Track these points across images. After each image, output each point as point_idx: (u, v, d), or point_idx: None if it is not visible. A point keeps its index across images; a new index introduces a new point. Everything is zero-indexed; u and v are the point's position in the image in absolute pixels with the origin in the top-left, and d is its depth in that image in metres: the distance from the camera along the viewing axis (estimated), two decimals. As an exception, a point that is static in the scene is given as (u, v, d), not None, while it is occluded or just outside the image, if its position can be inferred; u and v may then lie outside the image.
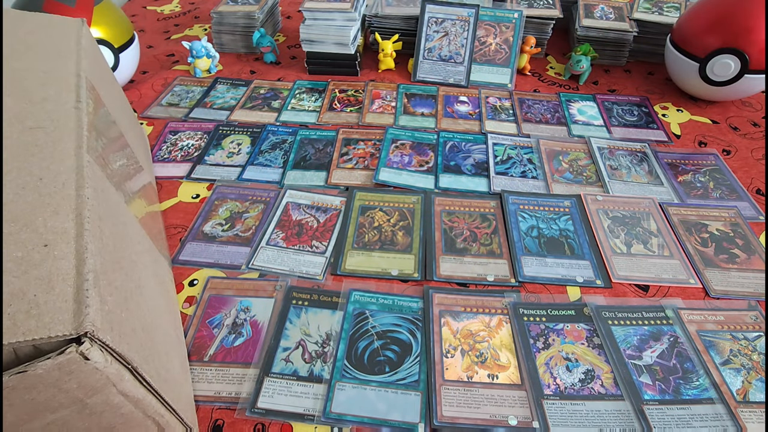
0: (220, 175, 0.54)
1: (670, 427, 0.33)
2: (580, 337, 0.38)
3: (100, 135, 0.32)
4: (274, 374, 0.36)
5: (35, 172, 0.25)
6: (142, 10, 0.94)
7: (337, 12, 0.66)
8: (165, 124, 0.61)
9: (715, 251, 0.45)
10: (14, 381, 0.19)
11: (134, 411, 0.24)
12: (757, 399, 0.34)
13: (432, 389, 0.35)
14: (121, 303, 0.24)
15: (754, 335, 0.38)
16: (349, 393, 0.35)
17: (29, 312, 0.19)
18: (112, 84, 0.46)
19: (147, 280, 0.32)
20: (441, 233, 0.47)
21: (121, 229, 0.30)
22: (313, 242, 0.46)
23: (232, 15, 0.74)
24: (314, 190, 0.52)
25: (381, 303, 0.41)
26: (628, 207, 0.50)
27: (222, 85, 0.69)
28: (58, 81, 0.32)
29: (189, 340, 0.38)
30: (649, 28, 0.72)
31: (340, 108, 0.65)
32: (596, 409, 0.34)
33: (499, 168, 0.55)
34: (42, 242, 0.22)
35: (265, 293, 0.41)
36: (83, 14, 0.57)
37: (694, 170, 0.55)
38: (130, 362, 0.22)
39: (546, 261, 0.44)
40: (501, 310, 0.40)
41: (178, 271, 0.43)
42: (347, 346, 0.37)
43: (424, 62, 0.70)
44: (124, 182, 0.36)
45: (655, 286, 0.42)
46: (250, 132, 0.60)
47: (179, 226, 0.48)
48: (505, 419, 0.33)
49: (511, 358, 0.37)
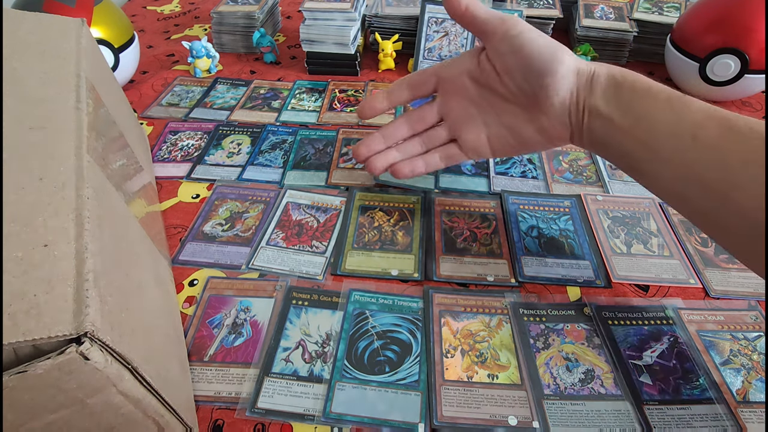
0: (220, 175, 0.54)
1: (670, 427, 0.33)
2: (580, 337, 0.38)
3: (100, 135, 0.32)
4: (274, 374, 0.36)
5: (35, 172, 0.25)
6: (142, 10, 0.94)
7: (337, 12, 0.66)
8: (165, 124, 0.61)
9: (715, 251, 0.45)
10: (14, 381, 0.19)
11: (134, 411, 0.24)
12: (757, 399, 0.34)
13: (432, 389, 0.35)
14: (121, 303, 0.24)
15: (754, 335, 0.38)
16: (349, 393, 0.35)
17: (29, 312, 0.19)
18: (112, 84, 0.46)
19: (147, 280, 0.32)
20: (441, 233, 0.47)
21: (121, 229, 0.30)
22: (313, 242, 0.46)
23: (232, 15, 0.74)
24: (314, 190, 0.52)
25: (381, 303, 0.41)
26: (628, 207, 0.50)
27: (222, 85, 0.69)
28: (58, 81, 0.32)
29: (189, 340, 0.38)
30: (649, 28, 0.72)
31: (340, 108, 0.65)
32: (596, 409, 0.34)
33: (499, 168, 0.55)
34: (42, 242, 0.22)
35: (265, 293, 0.41)
36: (83, 14, 0.57)
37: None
38: (130, 362, 0.22)
39: (546, 261, 0.44)
40: (501, 310, 0.40)
41: (178, 271, 0.43)
42: (347, 346, 0.37)
43: (424, 62, 0.70)
44: (124, 182, 0.36)
45: (655, 286, 0.42)
46: (250, 132, 0.60)
47: (179, 226, 0.48)
48: (505, 419, 0.33)
49: (511, 358, 0.37)
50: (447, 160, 0.43)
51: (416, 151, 0.43)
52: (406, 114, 0.43)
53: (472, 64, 0.39)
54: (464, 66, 0.40)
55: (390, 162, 0.43)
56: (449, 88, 0.41)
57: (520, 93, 0.36)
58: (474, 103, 0.40)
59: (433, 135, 0.43)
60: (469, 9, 0.37)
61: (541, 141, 0.38)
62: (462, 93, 0.40)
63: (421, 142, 0.43)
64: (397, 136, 0.43)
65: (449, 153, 0.42)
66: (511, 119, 0.38)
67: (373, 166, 0.43)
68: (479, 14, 0.37)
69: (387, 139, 0.43)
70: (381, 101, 0.43)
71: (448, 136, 0.42)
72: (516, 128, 0.38)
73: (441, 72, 0.41)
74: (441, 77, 0.41)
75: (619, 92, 0.33)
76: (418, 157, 0.43)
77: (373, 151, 0.43)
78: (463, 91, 0.40)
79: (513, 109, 0.38)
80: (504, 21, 0.36)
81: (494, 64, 0.37)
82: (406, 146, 0.43)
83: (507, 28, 0.35)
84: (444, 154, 0.43)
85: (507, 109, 0.38)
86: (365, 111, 0.43)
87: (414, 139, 0.43)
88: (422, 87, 0.42)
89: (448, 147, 0.42)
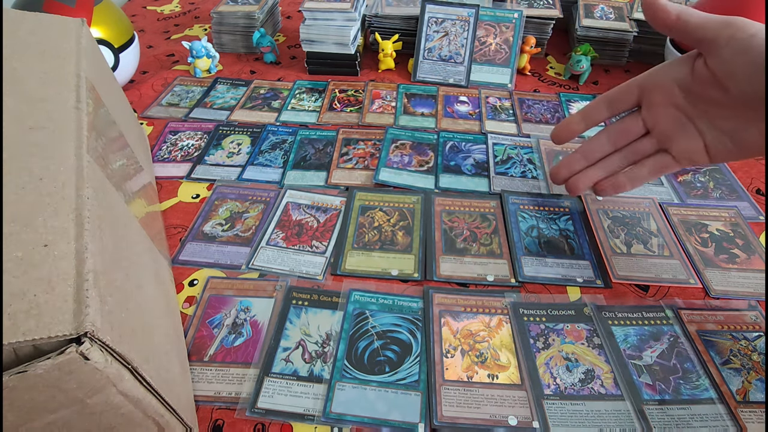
0: (220, 175, 0.54)
1: (670, 427, 0.33)
2: (580, 337, 0.38)
3: (100, 135, 0.32)
4: (274, 374, 0.36)
5: (35, 172, 0.25)
6: (142, 10, 0.94)
7: (337, 12, 0.66)
8: (165, 124, 0.61)
9: (715, 251, 0.45)
10: (14, 381, 0.19)
11: (134, 411, 0.24)
12: (757, 399, 0.34)
13: (432, 389, 0.35)
14: (121, 303, 0.24)
15: (754, 335, 0.38)
16: (349, 393, 0.35)
17: (29, 312, 0.19)
18: (112, 84, 0.46)
19: (147, 280, 0.32)
20: (441, 233, 0.47)
21: (121, 229, 0.30)
22: (313, 242, 0.46)
23: (232, 15, 0.74)
24: (314, 190, 0.52)
25: (381, 303, 0.41)
26: (628, 207, 0.50)
27: (222, 85, 0.69)
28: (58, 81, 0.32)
29: (189, 340, 0.38)
30: (649, 28, 0.72)
31: (340, 108, 0.65)
32: (596, 409, 0.34)
33: (499, 168, 0.55)
34: (42, 242, 0.22)
35: (265, 293, 0.41)
36: (83, 14, 0.57)
37: (694, 170, 0.55)
38: (130, 362, 0.22)
39: (546, 261, 0.44)
40: (501, 310, 0.40)
41: (178, 271, 0.43)
42: (347, 346, 0.37)
43: (424, 62, 0.70)
44: (124, 182, 0.36)
45: (655, 286, 0.42)
46: (250, 132, 0.60)
47: (179, 226, 0.48)
48: (505, 419, 0.33)
49: (511, 358, 0.37)
50: (657, 172, 0.40)
51: (619, 165, 0.41)
52: (606, 129, 0.41)
53: (683, 73, 0.36)
54: (673, 75, 0.37)
55: (593, 180, 0.42)
56: (656, 99, 0.38)
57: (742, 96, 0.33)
58: (684, 112, 0.37)
59: (636, 148, 0.40)
60: (680, 18, 0.33)
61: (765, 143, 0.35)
62: (671, 102, 0.37)
63: (622, 156, 0.41)
64: (598, 153, 0.41)
65: (661, 164, 0.40)
66: (730, 124, 0.35)
67: (575, 187, 0.42)
68: (692, 21, 0.33)
69: (587, 157, 0.41)
70: (578, 123, 0.41)
71: (655, 148, 0.40)
72: (737, 133, 0.35)
73: (645, 83, 0.38)
74: (645, 88, 0.38)
75: None
76: (620, 174, 0.41)
77: (573, 172, 0.42)
78: (672, 100, 0.37)
79: (731, 114, 0.35)
80: (729, 25, 0.32)
81: (714, 70, 0.33)
82: (607, 162, 0.41)
83: (733, 32, 0.32)
84: (654, 166, 0.40)
85: (723, 115, 0.35)
86: (562, 135, 0.41)
87: (615, 154, 0.41)
88: (624, 101, 0.40)
89: (658, 158, 0.40)
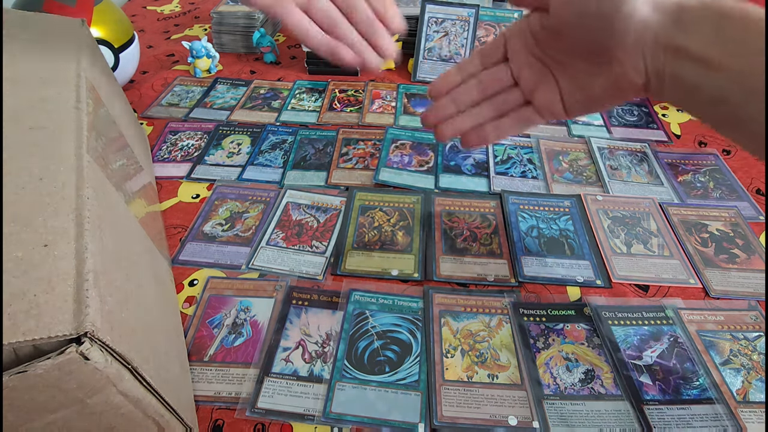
0: (220, 175, 0.54)
1: (670, 427, 0.33)
2: (580, 337, 0.38)
3: (100, 135, 0.32)
4: (274, 374, 0.36)
5: (35, 172, 0.25)
6: (142, 10, 0.94)
7: (337, 12, 0.66)
8: (165, 124, 0.61)
9: (715, 251, 0.45)
10: (14, 381, 0.19)
11: (134, 411, 0.24)
12: (757, 399, 0.34)
13: (432, 389, 0.35)
14: (121, 303, 0.24)
15: (754, 335, 0.38)
16: (349, 393, 0.35)
17: (29, 312, 0.19)
18: (112, 84, 0.46)
19: (147, 280, 0.32)
20: (441, 233, 0.47)
21: (121, 229, 0.30)
22: (313, 242, 0.46)
23: (232, 15, 0.74)
24: (314, 190, 0.52)
25: (381, 303, 0.41)
26: (628, 207, 0.50)
27: (222, 85, 0.69)
28: (58, 81, 0.32)
29: (189, 340, 0.38)
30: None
31: (340, 108, 0.65)
32: (596, 409, 0.34)
33: (499, 168, 0.55)
34: (42, 242, 0.22)
35: (265, 293, 0.41)
36: (83, 14, 0.57)
37: (694, 170, 0.55)
38: (130, 362, 0.22)
39: (546, 261, 0.44)
40: (501, 310, 0.40)
41: (178, 271, 0.43)
42: (347, 346, 0.37)
43: (424, 62, 0.70)
44: (124, 182, 0.36)
45: (655, 286, 0.42)
46: (250, 132, 0.60)
47: (179, 226, 0.48)
48: (505, 419, 0.33)
49: (511, 358, 0.37)
50: (520, 124, 0.40)
51: (488, 116, 0.40)
52: (476, 75, 0.40)
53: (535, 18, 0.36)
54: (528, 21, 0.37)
55: (459, 129, 0.40)
56: (518, 48, 0.38)
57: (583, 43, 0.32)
58: (541, 61, 0.37)
59: (506, 98, 0.40)
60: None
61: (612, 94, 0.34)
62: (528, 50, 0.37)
63: (491, 106, 0.40)
64: (467, 98, 0.40)
65: (523, 116, 0.39)
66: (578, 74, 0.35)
67: (442, 134, 0.41)
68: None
69: (457, 103, 0.40)
70: (454, 75, 0.40)
71: (522, 100, 0.39)
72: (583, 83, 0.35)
73: (509, 32, 0.39)
74: (509, 38, 0.39)
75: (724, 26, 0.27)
76: (487, 124, 0.40)
77: (441, 117, 0.41)
78: (529, 48, 0.37)
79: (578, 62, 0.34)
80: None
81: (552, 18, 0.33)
82: (476, 111, 0.40)
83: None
84: (517, 118, 0.40)
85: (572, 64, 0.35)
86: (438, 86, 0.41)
87: (484, 103, 0.40)
88: (494, 53, 0.39)
89: (522, 110, 0.39)
